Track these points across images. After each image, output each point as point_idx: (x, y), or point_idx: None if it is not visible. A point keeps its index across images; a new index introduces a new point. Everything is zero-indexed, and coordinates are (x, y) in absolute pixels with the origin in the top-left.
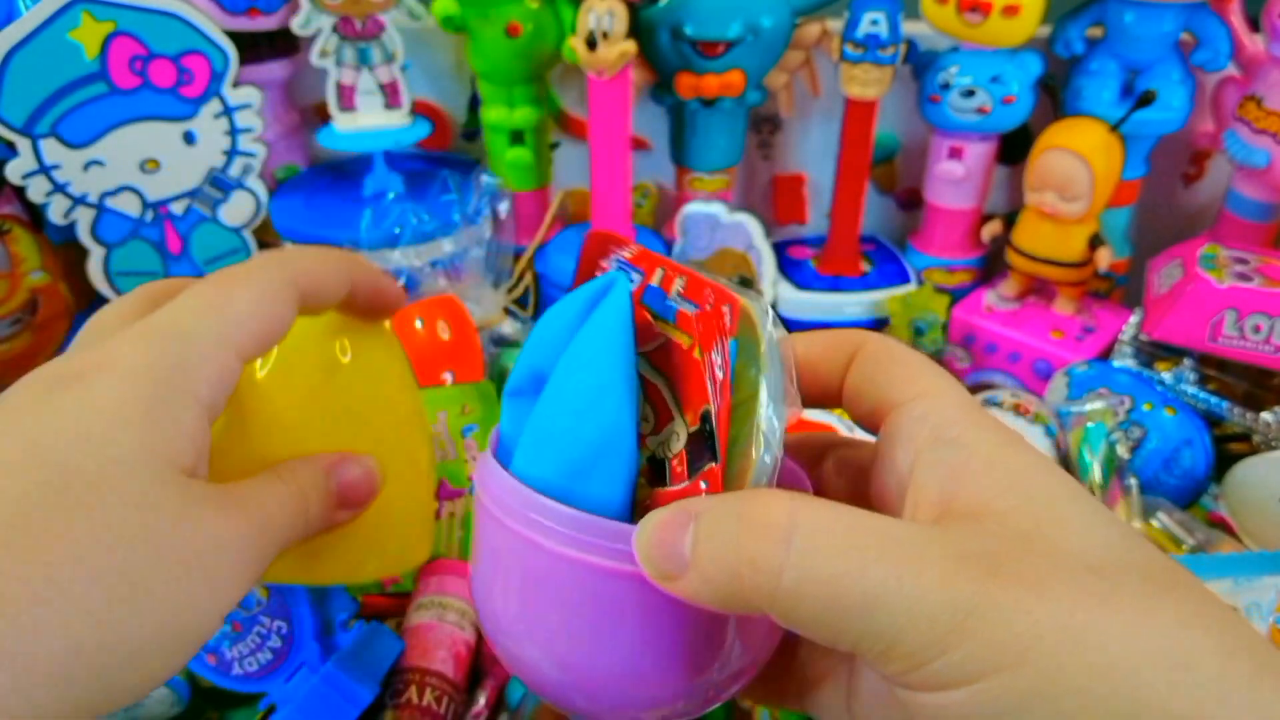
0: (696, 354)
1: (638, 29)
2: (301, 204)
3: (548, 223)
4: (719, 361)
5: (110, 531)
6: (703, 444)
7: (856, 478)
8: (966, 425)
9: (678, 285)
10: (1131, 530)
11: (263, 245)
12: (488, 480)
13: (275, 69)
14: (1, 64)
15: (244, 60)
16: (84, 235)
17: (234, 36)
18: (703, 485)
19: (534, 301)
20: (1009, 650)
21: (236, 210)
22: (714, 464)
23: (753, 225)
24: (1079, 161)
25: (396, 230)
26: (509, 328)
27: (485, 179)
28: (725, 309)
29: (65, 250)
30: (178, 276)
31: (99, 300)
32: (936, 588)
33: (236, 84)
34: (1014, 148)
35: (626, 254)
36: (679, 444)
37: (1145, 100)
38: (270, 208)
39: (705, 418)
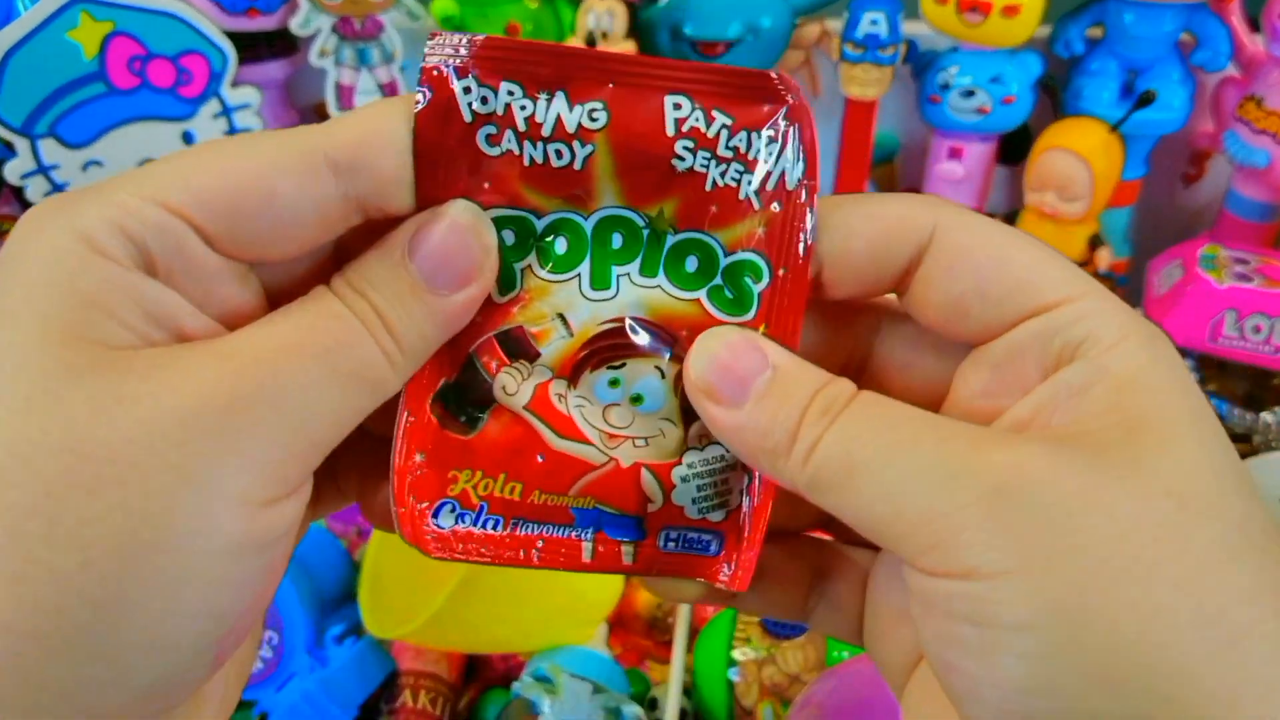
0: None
1: (637, 29)
2: None
3: None
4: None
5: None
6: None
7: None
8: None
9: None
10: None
11: None
12: None
13: (274, 69)
14: (0, 64)
15: (243, 60)
16: None
17: (233, 36)
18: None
19: None
20: (1040, 544)
21: None
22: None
23: None
24: (1079, 162)
25: None
26: None
27: None
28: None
29: None
30: None
31: None
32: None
33: (235, 84)
34: (1014, 148)
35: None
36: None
37: (1145, 100)
38: None
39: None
